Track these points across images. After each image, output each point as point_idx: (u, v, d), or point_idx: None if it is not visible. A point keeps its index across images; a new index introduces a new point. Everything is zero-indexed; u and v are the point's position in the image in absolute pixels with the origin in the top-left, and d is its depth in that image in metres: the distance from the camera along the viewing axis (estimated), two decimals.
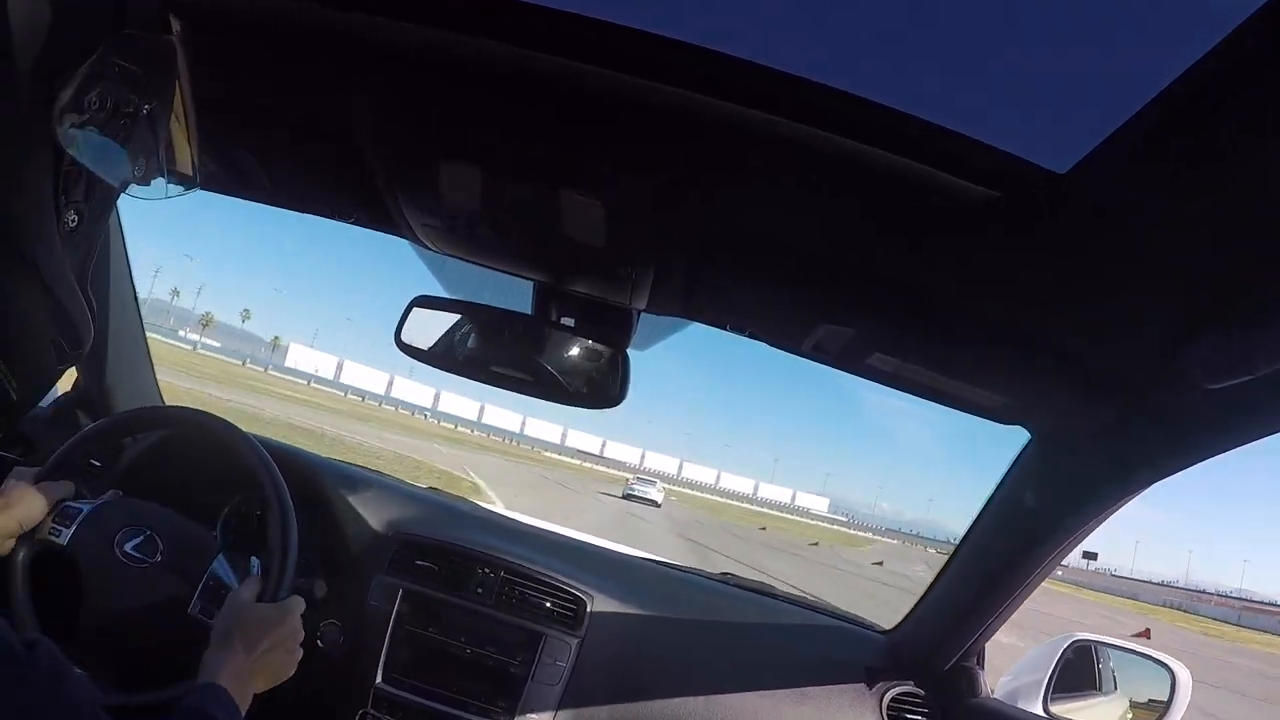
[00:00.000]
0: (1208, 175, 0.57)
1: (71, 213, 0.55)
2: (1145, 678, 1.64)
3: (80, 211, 0.56)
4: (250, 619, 1.00)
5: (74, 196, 0.55)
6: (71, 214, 0.55)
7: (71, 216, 0.55)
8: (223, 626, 0.99)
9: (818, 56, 0.61)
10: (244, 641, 0.97)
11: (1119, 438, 0.98)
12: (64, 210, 0.54)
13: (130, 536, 1.10)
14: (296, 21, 0.73)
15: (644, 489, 35.95)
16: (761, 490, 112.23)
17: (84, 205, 0.56)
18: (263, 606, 1.04)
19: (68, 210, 0.55)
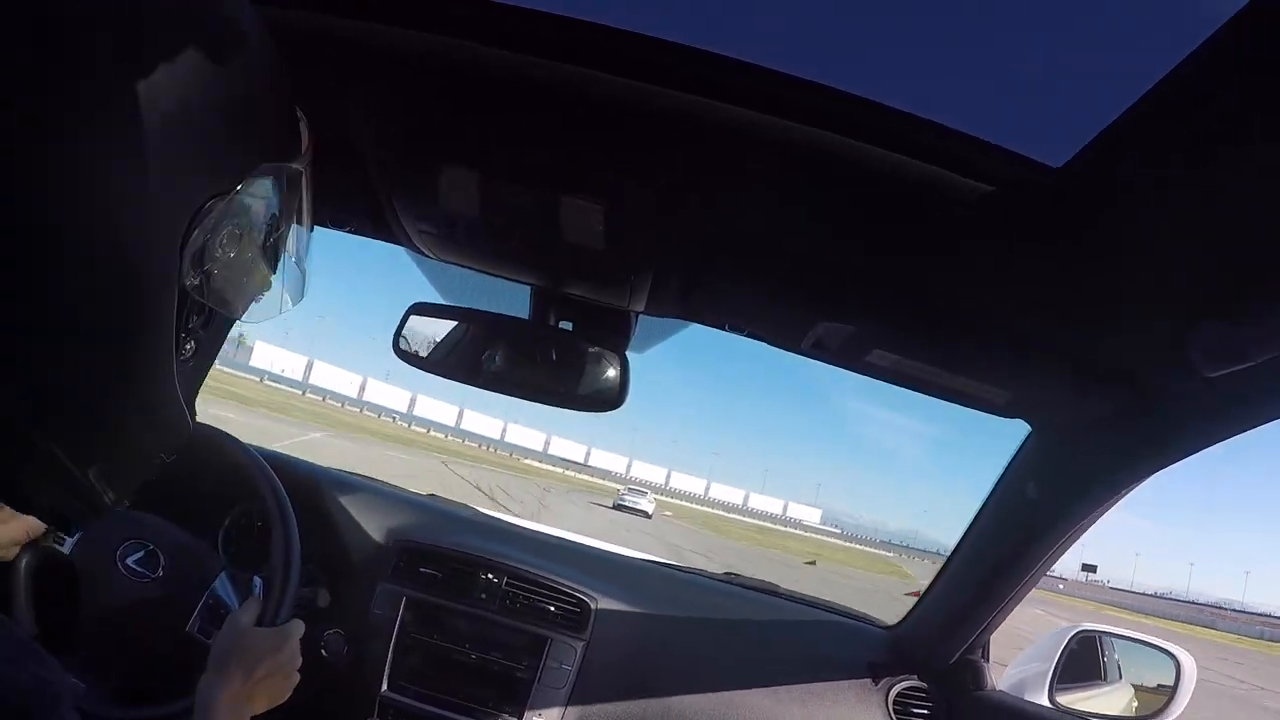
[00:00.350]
0: (1203, 166, 0.58)
1: (190, 343, 0.56)
2: (1150, 666, 1.65)
3: (198, 340, 0.57)
4: (248, 644, 0.99)
5: (194, 329, 0.55)
6: (190, 345, 0.56)
7: (189, 347, 0.56)
8: (220, 650, 0.98)
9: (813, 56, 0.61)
10: (241, 667, 0.96)
11: (1119, 428, 0.99)
12: (183, 343, 0.54)
13: (132, 550, 1.09)
14: (292, 27, 0.73)
15: (634, 500, 35.40)
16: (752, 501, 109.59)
17: (202, 333, 0.57)
18: (261, 631, 1.03)
19: (186, 343, 0.55)
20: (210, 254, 0.51)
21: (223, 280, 0.53)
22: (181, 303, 0.51)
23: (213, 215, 0.49)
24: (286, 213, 0.58)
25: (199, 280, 0.51)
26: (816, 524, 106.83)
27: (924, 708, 1.48)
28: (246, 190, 0.51)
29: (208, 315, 0.56)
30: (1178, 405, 0.88)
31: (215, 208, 0.49)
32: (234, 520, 1.51)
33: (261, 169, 0.52)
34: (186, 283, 0.49)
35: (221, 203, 0.49)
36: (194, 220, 0.48)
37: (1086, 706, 1.57)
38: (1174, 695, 1.56)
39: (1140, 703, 1.69)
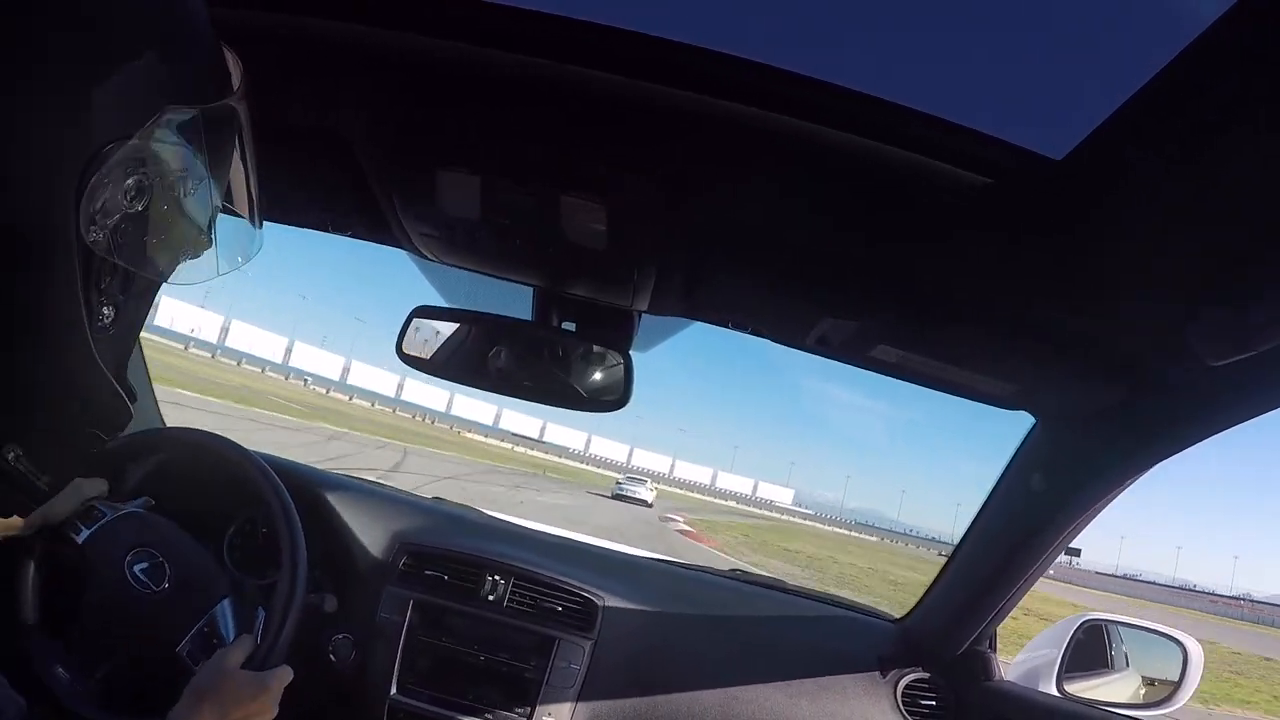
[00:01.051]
0: (1202, 157, 0.58)
1: (108, 308, 0.50)
2: (1157, 654, 1.65)
3: (118, 305, 0.51)
4: (227, 686, 0.98)
5: (109, 292, 0.50)
6: (108, 309, 0.50)
7: (107, 312, 0.51)
8: (199, 685, 0.96)
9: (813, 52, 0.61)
10: (215, 708, 0.94)
11: (1123, 418, 0.99)
12: (98, 307, 0.49)
13: (141, 558, 1.09)
14: (289, 31, 0.73)
15: (634, 488, 33.85)
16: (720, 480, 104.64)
17: (122, 297, 0.52)
18: (244, 675, 1.01)
19: (103, 306, 0.50)
20: (113, 206, 0.45)
21: (133, 236, 0.47)
22: (87, 261, 0.46)
23: (111, 162, 0.44)
24: (214, 159, 0.52)
25: (102, 235, 0.45)
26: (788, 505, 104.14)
27: (932, 699, 1.48)
28: (151, 135, 0.46)
29: (125, 276, 0.51)
30: (1181, 394, 0.89)
31: (113, 154, 0.44)
32: (239, 527, 1.51)
33: (171, 110, 0.46)
34: (87, 238, 0.44)
35: (120, 148, 0.44)
36: (87, 168, 0.43)
37: (1094, 695, 1.57)
38: (1181, 682, 1.56)
39: (1148, 690, 1.69)
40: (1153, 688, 1.66)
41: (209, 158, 0.51)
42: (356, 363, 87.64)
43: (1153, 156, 0.59)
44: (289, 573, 1.15)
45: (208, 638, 1.08)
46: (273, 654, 1.08)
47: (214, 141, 0.51)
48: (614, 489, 34.68)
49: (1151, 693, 1.65)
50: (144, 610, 1.07)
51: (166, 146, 0.47)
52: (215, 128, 0.51)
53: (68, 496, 1.06)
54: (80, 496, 1.07)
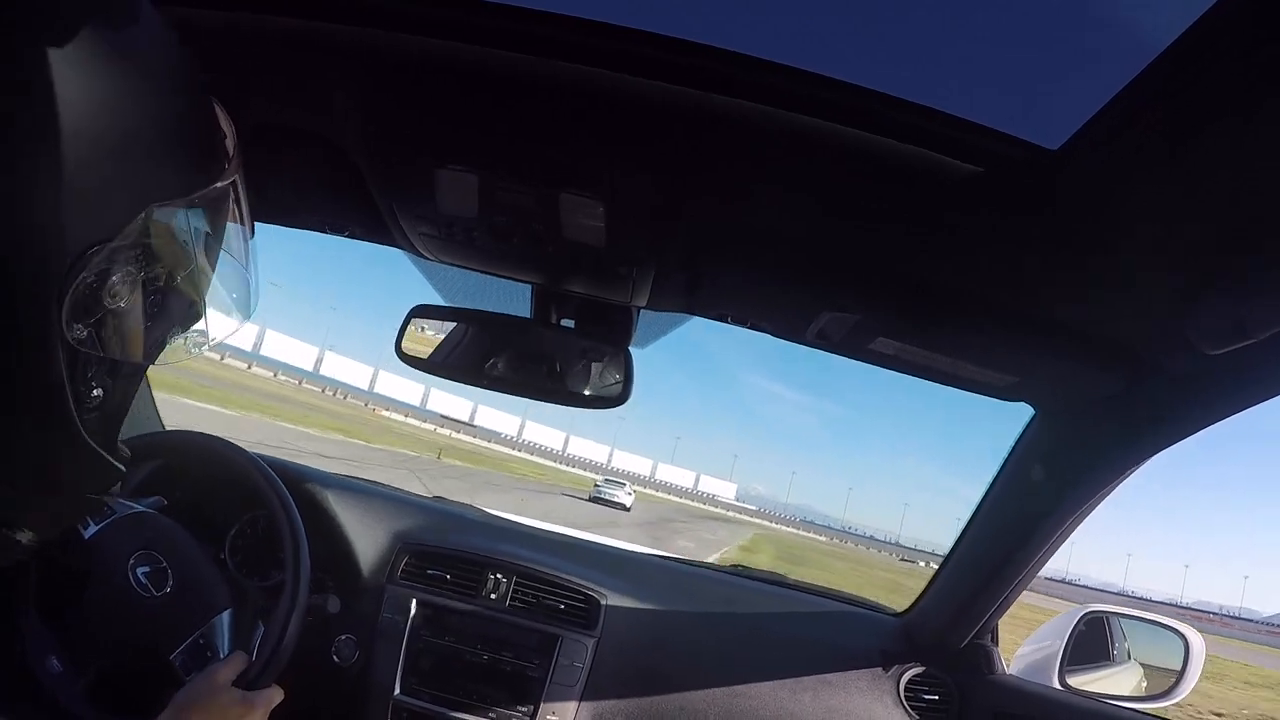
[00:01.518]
0: (1198, 145, 0.58)
1: (96, 391, 0.50)
2: (1159, 645, 1.66)
3: (106, 387, 0.51)
4: (213, 703, 0.97)
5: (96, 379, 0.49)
6: (96, 392, 0.50)
7: (96, 395, 0.50)
8: (184, 698, 0.96)
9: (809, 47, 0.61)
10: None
11: (1123, 408, 0.99)
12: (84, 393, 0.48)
13: (144, 561, 1.09)
14: (284, 32, 0.73)
15: (611, 491, 32.74)
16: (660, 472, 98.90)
17: (109, 380, 0.51)
18: (232, 694, 0.99)
19: (91, 390, 0.49)
20: (97, 306, 0.45)
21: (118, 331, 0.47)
22: (73, 357, 0.45)
23: (94, 264, 0.43)
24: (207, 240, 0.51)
25: (85, 334, 0.45)
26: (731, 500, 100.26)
27: (935, 693, 1.48)
28: (138, 233, 0.45)
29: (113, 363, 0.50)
30: (1180, 384, 0.89)
31: (95, 257, 0.43)
32: (241, 529, 1.51)
33: (156, 209, 0.46)
34: (69, 336, 0.44)
35: (103, 251, 0.43)
36: (70, 272, 0.42)
37: (1096, 687, 1.58)
38: (1183, 673, 1.57)
39: (1150, 682, 1.70)
40: (1154, 679, 1.67)
41: (200, 243, 0.50)
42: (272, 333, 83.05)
43: (1149, 145, 0.59)
44: (292, 575, 1.15)
45: (202, 650, 1.08)
46: (265, 674, 1.07)
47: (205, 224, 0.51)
48: (591, 492, 33.49)
49: (1153, 684, 1.66)
50: (141, 614, 1.07)
51: (154, 242, 0.46)
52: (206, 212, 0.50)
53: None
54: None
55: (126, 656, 1.07)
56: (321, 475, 1.68)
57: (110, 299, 0.45)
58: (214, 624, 1.11)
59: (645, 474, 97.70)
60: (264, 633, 1.13)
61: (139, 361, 0.52)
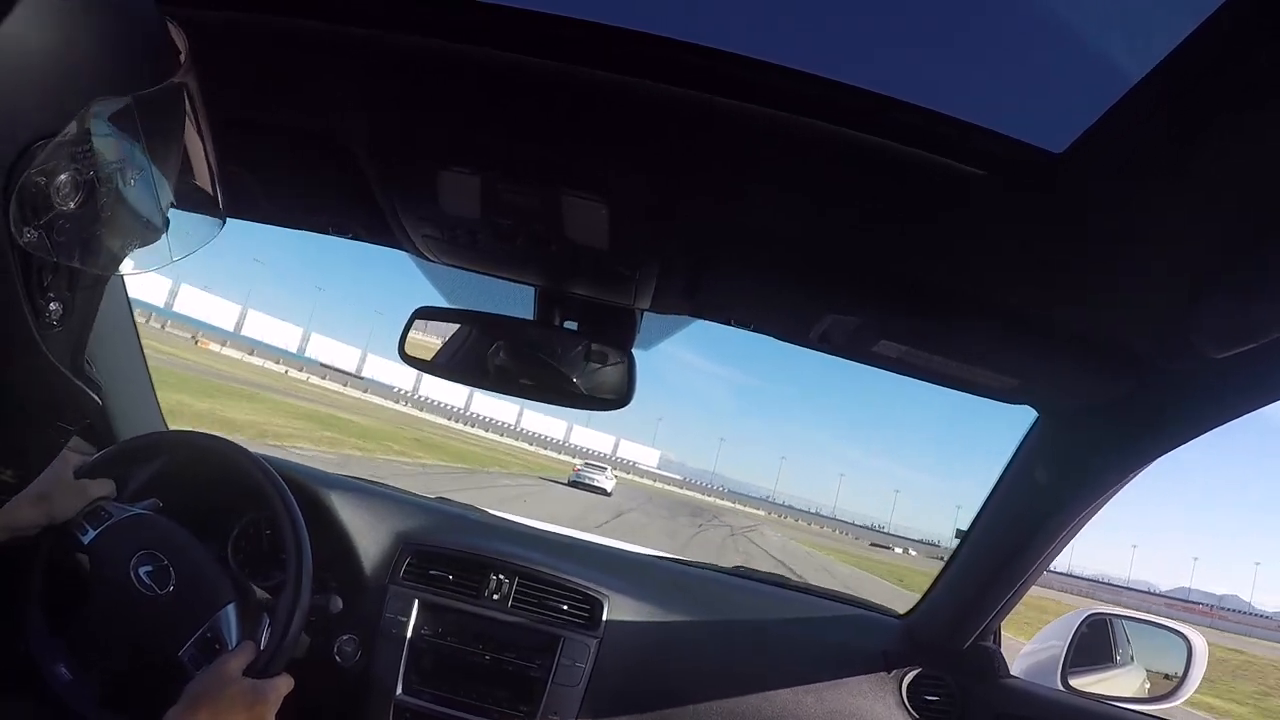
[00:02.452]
0: (1202, 148, 0.58)
1: (55, 304, 0.49)
2: (1161, 647, 1.65)
3: (66, 300, 0.50)
4: (225, 694, 0.97)
5: (54, 289, 0.48)
6: (55, 305, 0.49)
7: (55, 308, 0.49)
8: (196, 690, 0.96)
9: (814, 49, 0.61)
10: (210, 714, 0.94)
11: (1127, 411, 0.99)
12: (43, 305, 0.48)
13: (146, 561, 1.09)
14: (287, 33, 0.73)
15: (592, 475, 31.54)
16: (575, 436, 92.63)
17: (69, 294, 0.50)
18: (244, 684, 1.00)
19: (49, 303, 0.48)
20: (46, 205, 0.44)
21: (72, 234, 0.46)
22: (26, 260, 0.45)
23: (39, 160, 0.42)
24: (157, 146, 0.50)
25: (37, 236, 0.44)
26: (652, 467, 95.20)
27: (938, 694, 1.48)
28: (83, 127, 0.44)
29: (70, 272, 0.49)
30: (1184, 387, 0.89)
31: (39, 152, 0.42)
32: (243, 529, 1.52)
33: (99, 102, 0.45)
34: (21, 239, 0.43)
35: (48, 146, 0.43)
36: (14, 168, 0.42)
37: (1099, 689, 1.57)
38: (1185, 675, 1.56)
39: (1152, 684, 1.70)
40: (1157, 681, 1.67)
41: (151, 145, 0.49)
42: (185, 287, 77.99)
43: (1153, 149, 0.59)
44: (294, 575, 1.15)
45: (210, 643, 1.08)
46: (274, 662, 1.08)
47: (155, 128, 0.49)
48: (572, 476, 31.88)
49: (1156, 686, 1.65)
50: (147, 613, 1.07)
51: (100, 139, 0.45)
52: (155, 113, 0.49)
53: (75, 497, 1.06)
54: (87, 497, 1.07)
55: (135, 657, 1.07)
56: (323, 475, 1.69)
57: (59, 199, 0.45)
58: (220, 617, 1.11)
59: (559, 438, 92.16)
60: (270, 623, 1.14)
61: (97, 271, 0.51)
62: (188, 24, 0.52)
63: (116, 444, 1.29)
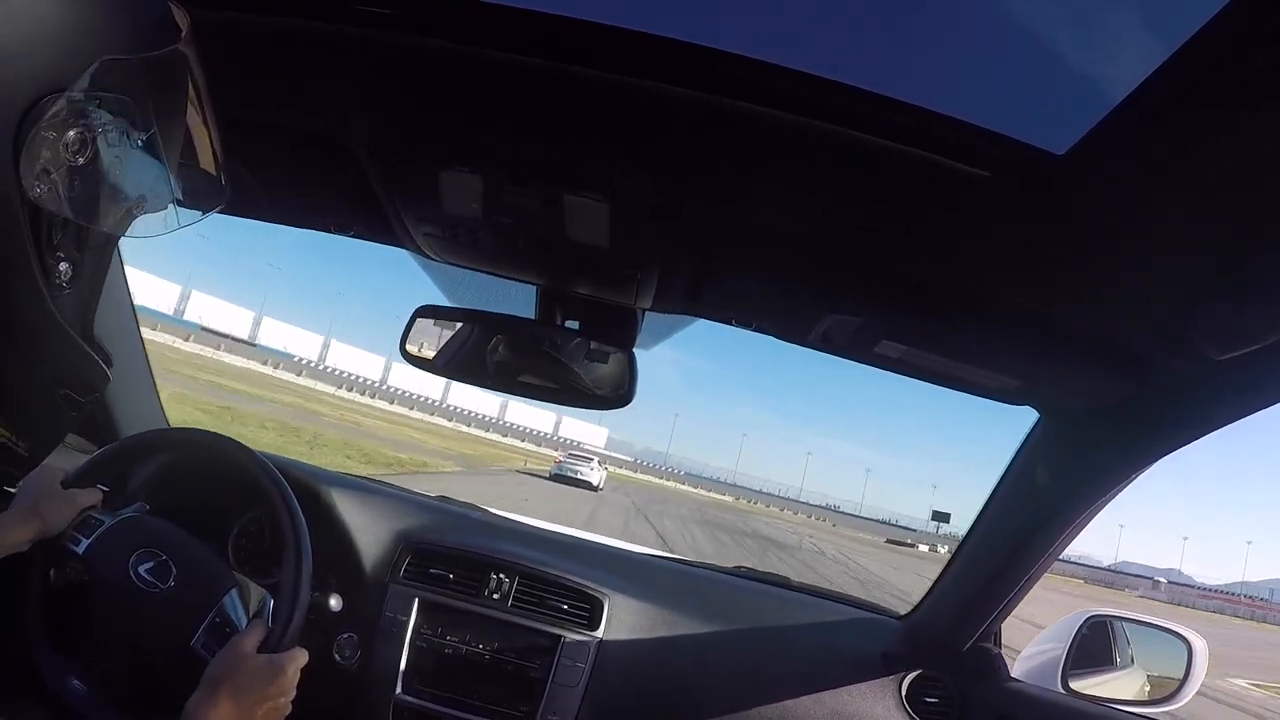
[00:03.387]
0: (1205, 150, 0.58)
1: (64, 264, 0.50)
2: (1162, 649, 1.65)
3: (75, 261, 0.51)
4: (243, 671, 0.98)
5: (63, 249, 0.49)
6: (64, 266, 0.50)
7: (64, 269, 0.50)
8: (215, 672, 0.97)
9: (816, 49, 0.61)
10: (232, 694, 0.95)
11: (1128, 412, 0.99)
12: (53, 265, 0.49)
13: (145, 559, 1.09)
14: (289, 33, 0.74)
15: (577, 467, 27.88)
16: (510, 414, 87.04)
17: (78, 254, 0.51)
18: (260, 659, 1.01)
19: (59, 263, 0.49)
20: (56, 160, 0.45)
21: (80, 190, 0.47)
22: (35, 217, 0.46)
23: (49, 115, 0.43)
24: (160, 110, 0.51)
25: (46, 190, 0.45)
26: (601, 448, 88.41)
27: (937, 696, 1.48)
28: (88, 86, 0.45)
29: (78, 231, 0.50)
30: (1186, 388, 0.89)
31: (51, 105, 0.43)
32: (243, 527, 1.52)
33: (105, 61, 0.46)
34: (31, 192, 0.44)
35: (59, 100, 0.44)
36: (23, 121, 0.43)
37: (1100, 691, 1.57)
38: (1186, 678, 1.56)
39: (1153, 686, 1.69)
40: (1158, 684, 1.66)
41: (154, 108, 0.50)
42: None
43: (1155, 150, 0.59)
44: (293, 570, 1.15)
45: (220, 628, 1.09)
46: (286, 637, 1.08)
47: (158, 91, 0.50)
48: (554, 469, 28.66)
49: (1156, 689, 1.65)
50: (153, 609, 1.07)
51: (106, 97, 0.46)
52: (158, 77, 0.50)
53: (64, 509, 1.06)
54: (77, 507, 1.08)
55: (147, 655, 1.08)
56: (323, 473, 1.69)
57: (68, 153, 0.45)
58: (225, 602, 1.11)
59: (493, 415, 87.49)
60: (275, 603, 1.14)
61: (105, 230, 0.52)
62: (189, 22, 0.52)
63: (117, 441, 1.29)
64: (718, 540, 19.47)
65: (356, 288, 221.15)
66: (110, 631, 1.07)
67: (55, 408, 0.55)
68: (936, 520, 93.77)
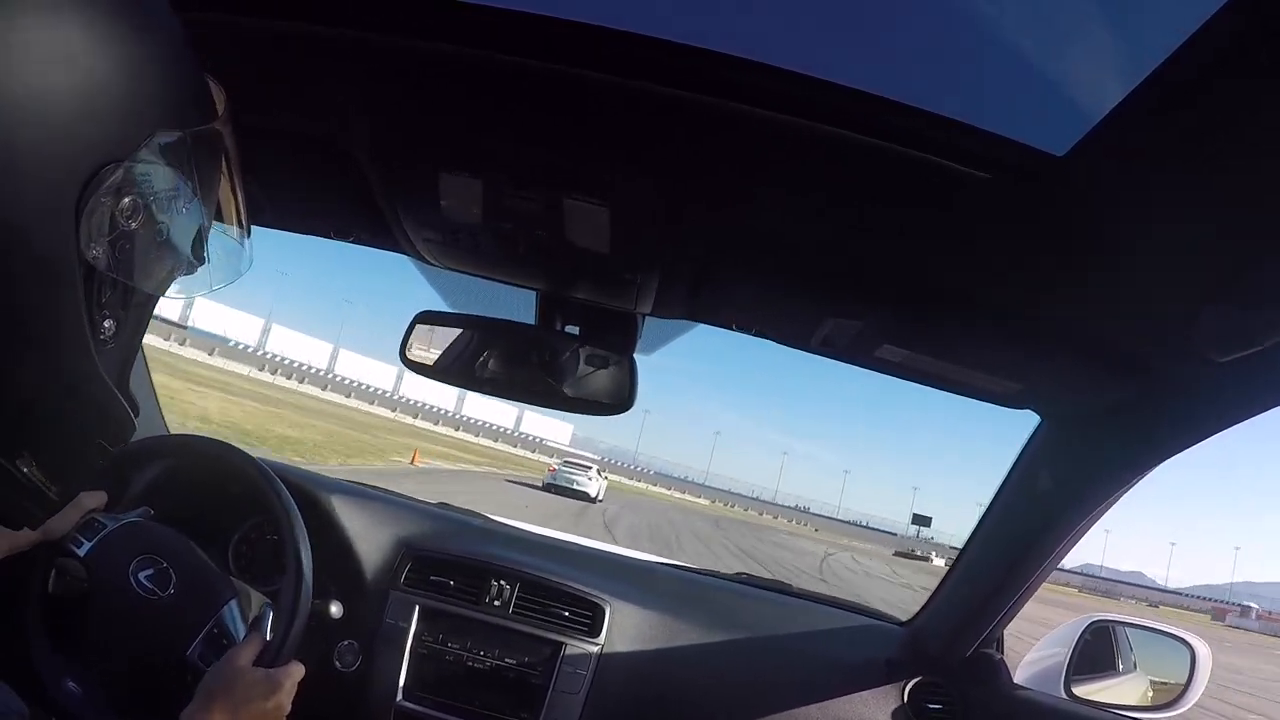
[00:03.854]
0: (1206, 150, 0.58)
1: (109, 322, 0.53)
2: (1165, 655, 1.65)
3: (119, 319, 0.54)
4: (238, 685, 0.98)
5: (109, 307, 0.53)
6: (109, 323, 0.53)
7: (109, 325, 0.53)
8: (210, 685, 0.97)
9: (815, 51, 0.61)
10: (226, 707, 0.94)
11: (1130, 416, 0.99)
12: (99, 321, 0.52)
13: (145, 565, 1.09)
14: (288, 37, 0.74)
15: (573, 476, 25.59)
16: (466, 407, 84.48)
17: (122, 312, 0.54)
18: (256, 674, 1.00)
19: (104, 320, 0.53)
20: (112, 224, 0.49)
21: (130, 253, 0.51)
22: (89, 277, 0.49)
23: (109, 183, 0.47)
24: (202, 180, 0.55)
25: (102, 252, 0.48)
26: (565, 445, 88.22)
27: (940, 702, 1.47)
28: (145, 156, 0.49)
29: (124, 291, 0.54)
30: (1188, 391, 0.89)
31: (110, 175, 0.47)
32: (244, 535, 1.51)
33: (161, 134, 0.50)
34: (88, 254, 0.48)
35: (117, 170, 0.47)
36: (86, 187, 0.46)
37: (1103, 697, 1.57)
38: (1189, 683, 1.56)
39: (1156, 692, 1.69)
40: (1161, 690, 1.66)
41: (197, 179, 0.55)
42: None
43: (1156, 150, 0.59)
44: (293, 578, 1.15)
45: (217, 639, 1.08)
46: (284, 650, 1.08)
47: (201, 163, 0.55)
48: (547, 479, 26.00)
49: (1159, 694, 1.65)
50: (151, 617, 1.07)
51: (158, 168, 0.51)
52: (202, 150, 0.54)
53: (68, 511, 1.06)
54: (82, 509, 1.07)
55: (144, 661, 1.07)
56: (325, 480, 1.68)
57: (123, 219, 0.49)
58: (224, 613, 1.11)
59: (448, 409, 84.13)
60: (274, 615, 1.13)
61: (149, 290, 0.56)
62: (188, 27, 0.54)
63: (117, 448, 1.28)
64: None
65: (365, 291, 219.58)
66: (109, 636, 1.07)
67: (88, 456, 0.58)
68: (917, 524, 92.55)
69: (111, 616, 1.06)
